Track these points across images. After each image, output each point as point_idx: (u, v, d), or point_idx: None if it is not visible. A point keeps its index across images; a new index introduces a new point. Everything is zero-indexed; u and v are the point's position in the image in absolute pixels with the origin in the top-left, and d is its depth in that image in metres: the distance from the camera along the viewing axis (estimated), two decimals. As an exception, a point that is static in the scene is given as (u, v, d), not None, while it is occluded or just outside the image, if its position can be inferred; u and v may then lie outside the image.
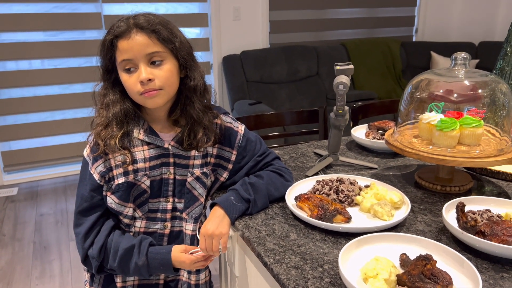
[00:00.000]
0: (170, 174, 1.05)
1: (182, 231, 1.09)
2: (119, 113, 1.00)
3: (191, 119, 1.03)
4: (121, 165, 1.01)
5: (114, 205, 1.01)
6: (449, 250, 0.80)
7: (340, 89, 1.17)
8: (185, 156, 1.05)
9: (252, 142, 1.13)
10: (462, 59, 1.11)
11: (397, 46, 4.34)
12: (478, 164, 1.03)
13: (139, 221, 1.05)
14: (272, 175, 1.11)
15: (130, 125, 1.02)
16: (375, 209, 0.99)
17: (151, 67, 0.96)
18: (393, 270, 0.76)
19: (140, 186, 1.02)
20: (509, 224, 0.86)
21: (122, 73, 0.98)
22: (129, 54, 0.94)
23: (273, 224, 1.01)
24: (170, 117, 1.05)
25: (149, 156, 1.03)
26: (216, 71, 3.80)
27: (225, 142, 1.11)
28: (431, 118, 1.13)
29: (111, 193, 1.01)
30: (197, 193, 1.07)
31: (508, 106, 1.10)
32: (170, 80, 0.98)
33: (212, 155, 1.09)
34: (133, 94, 0.98)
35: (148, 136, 1.03)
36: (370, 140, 1.46)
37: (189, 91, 1.02)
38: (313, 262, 0.85)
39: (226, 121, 1.11)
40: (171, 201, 1.06)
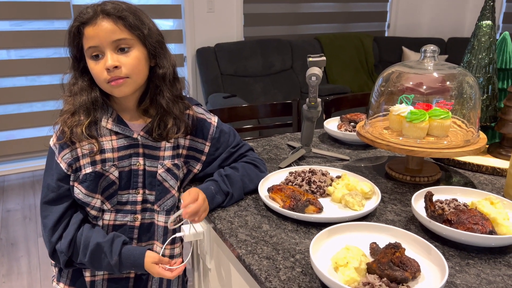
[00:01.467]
0: (140, 165, 1.03)
1: (153, 223, 1.07)
2: (86, 101, 0.97)
3: (161, 109, 1.01)
4: (88, 154, 0.98)
5: (81, 195, 0.99)
6: (417, 238, 0.82)
7: (313, 80, 1.17)
8: (155, 147, 1.04)
9: (225, 133, 1.12)
10: (431, 52, 1.13)
11: (369, 41, 4.40)
12: (446, 155, 1.06)
13: (108, 214, 1.03)
14: (247, 167, 1.10)
15: (98, 114, 1.00)
16: (346, 199, 1.00)
17: (118, 54, 0.94)
18: (363, 258, 0.77)
19: (109, 177, 1.00)
20: (474, 212, 0.88)
21: (89, 60, 0.95)
22: (95, 41, 0.92)
23: (246, 215, 1.00)
24: (140, 106, 1.03)
25: (117, 146, 1.00)
26: (190, 63, 3.76)
27: (198, 133, 1.09)
28: (401, 110, 1.15)
29: (78, 183, 0.99)
30: (169, 185, 1.05)
31: (475, 99, 1.12)
32: (138, 68, 0.96)
33: (184, 146, 1.08)
34: (100, 82, 0.96)
35: (116, 126, 1.01)
36: (342, 132, 1.48)
37: (158, 80, 1.00)
38: (285, 252, 0.85)
39: (198, 112, 1.10)
40: (141, 192, 1.04)
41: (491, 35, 1.26)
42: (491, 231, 0.84)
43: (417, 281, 0.75)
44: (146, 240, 1.08)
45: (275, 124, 1.95)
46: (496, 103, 1.31)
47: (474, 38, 1.28)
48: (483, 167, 1.23)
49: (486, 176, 1.22)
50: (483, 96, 1.28)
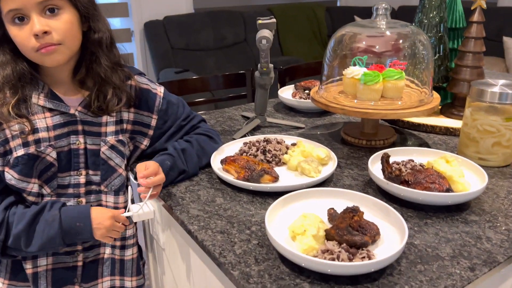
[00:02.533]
0: (80, 143, 0.93)
1: (100, 206, 0.99)
2: (11, 76, 0.85)
3: (98, 78, 0.91)
4: (18, 135, 0.87)
5: (14, 181, 0.88)
6: (375, 200, 0.79)
7: (263, 44, 1.11)
8: (95, 123, 0.94)
9: (174, 104, 1.04)
10: (383, 10, 1.09)
11: (322, 11, 4.37)
12: (400, 115, 1.04)
13: (48, 199, 0.93)
14: (201, 140, 1.04)
15: (27, 90, 0.88)
16: (302, 166, 0.96)
17: (46, 17, 0.82)
18: (321, 225, 0.73)
19: (45, 158, 0.90)
20: (431, 171, 0.87)
21: (10, 26, 0.82)
22: (17, 3, 0.79)
23: (198, 190, 0.94)
24: (75, 77, 0.93)
25: (52, 124, 0.90)
26: (138, 38, 3.58)
27: (143, 105, 1.00)
28: (354, 72, 1.11)
29: (10, 167, 0.88)
30: (114, 164, 0.96)
31: (427, 58, 1.10)
32: (71, 32, 0.85)
33: (129, 121, 0.99)
34: (27, 51, 0.84)
35: (49, 102, 0.90)
36: (297, 100, 1.43)
37: (94, 46, 0.90)
38: (240, 225, 0.81)
39: (142, 82, 1.01)
40: (84, 174, 0.95)
41: (442, -7, 1.24)
42: (448, 189, 0.83)
43: (377, 245, 0.72)
44: None
45: (229, 96, 1.88)
46: (448, 63, 1.31)
47: (425, -4, 1.25)
48: (436, 127, 1.22)
49: (440, 137, 1.22)
50: (435, 56, 1.26)
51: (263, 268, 0.69)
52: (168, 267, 1.07)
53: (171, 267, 1.05)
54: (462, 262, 0.70)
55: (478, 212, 0.84)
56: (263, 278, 0.67)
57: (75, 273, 1.00)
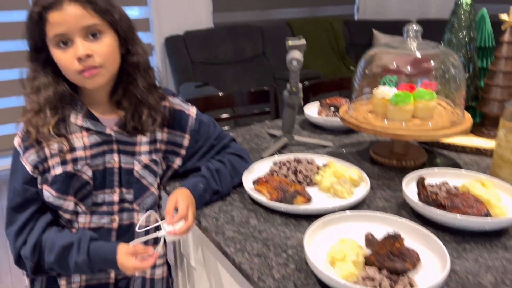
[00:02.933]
0: (115, 162, 0.95)
1: (133, 224, 1.00)
2: (52, 98, 0.88)
3: (134, 99, 0.93)
4: (57, 154, 0.90)
5: (52, 199, 0.90)
6: (414, 226, 0.79)
7: (294, 65, 1.12)
8: (130, 142, 0.96)
9: (205, 124, 1.06)
10: (414, 31, 1.10)
11: (339, 25, 4.38)
12: (433, 137, 1.04)
13: (82, 216, 0.95)
14: (233, 159, 1.05)
15: (66, 110, 0.91)
16: (335, 188, 0.96)
17: (89, 41, 0.85)
18: (359, 251, 0.73)
19: (82, 177, 0.92)
20: (467, 195, 0.86)
21: (55, 50, 0.85)
22: (63, 28, 0.83)
23: (231, 210, 0.95)
24: (112, 98, 0.95)
25: (89, 143, 0.92)
26: (159, 53, 3.63)
27: (176, 126, 1.02)
28: (384, 92, 1.11)
29: (48, 185, 0.90)
30: (147, 182, 0.98)
31: (459, 78, 1.10)
32: (112, 55, 0.88)
33: (162, 141, 1.00)
34: (69, 73, 0.87)
35: (87, 121, 0.92)
36: (323, 118, 1.44)
37: (132, 68, 0.92)
38: (276, 248, 0.81)
39: (175, 103, 1.02)
40: (117, 192, 0.97)
41: (471, 13, 1.23)
42: (486, 214, 0.82)
43: (417, 271, 0.72)
44: (124, 242, 1.01)
45: (253, 113, 1.90)
46: (477, 82, 1.30)
47: (454, 16, 1.25)
48: (467, 147, 1.21)
49: (471, 157, 1.20)
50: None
51: (303, 294, 0.69)
52: (199, 286, 1.07)
53: (202, 287, 1.06)
54: (505, 290, 0.69)
55: (517, 237, 0.83)
56: (303, 304, 0.67)
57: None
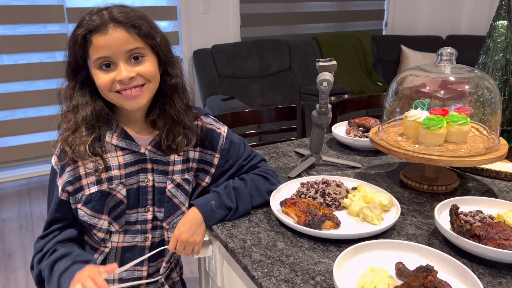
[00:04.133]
0: (149, 181, 0.96)
1: (163, 241, 1.01)
2: (89, 117, 0.90)
3: (170, 120, 0.95)
4: (92, 173, 0.91)
5: (87, 217, 0.92)
6: (448, 257, 0.77)
7: (324, 86, 1.11)
8: (164, 162, 0.97)
9: (236, 144, 1.06)
10: (448, 55, 1.08)
11: (367, 40, 4.35)
12: (467, 163, 1.01)
13: (116, 236, 0.96)
14: (256, 179, 1.04)
15: (102, 129, 0.93)
16: (365, 213, 0.94)
17: (131, 64, 0.87)
18: (390, 281, 0.71)
19: (116, 196, 0.93)
20: (503, 226, 0.83)
21: (97, 71, 0.88)
22: (107, 51, 0.85)
23: (258, 232, 0.95)
24: (148, 117, 0.97)
25: (124, 162, 0.94)
26: (187, 65, 3.69)
27: (207, 145, 1.03)
28: (416, 115, 1.10)
29: (82, 204, 0.92)
30: (178, 201, 0.99)
31: (495, 103, 1.07)
32: (154, 76, 0.90)
33: (194, 159, 1.01)
34: (108, 93, 0.89)
35: (122, 141, 0.94)
36: (352, 138, 1.42)
37: (170, 90, 0.94)
38: (304, 274, 0.80)
39: (207, 123, 1.04)
40: (151, 210, 0.98)
41: (508, 36, 1.21)
42: (523, 247, 0.79)
43: (450, 305, 0.69)
44: (156, 260, 1.02)
45: (279, 129, 1.89)
46: (513, 106, 1.26)
47: (490, 38, 1.23)
48: (501, 173, 1.18)
49: (506, 183, 1.17)
50: (500, 99, 1.23)
51: (332, 324, 0.68)
52: (223, 306, 1.07)
53: (227, 306, 1.05)
54: (545, 331, 0.66)
55: (556, 272, 0.79)
56: (332, 335, 0.65)
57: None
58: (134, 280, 0.99)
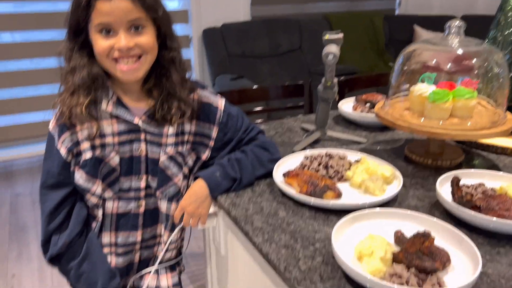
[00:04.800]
0: (142, 151, 0.98)
1: (157, 209, 1.04)
2: (86, 78, 0.91)
3: (165, 91, 0.96)
4: (88, 138, 0.94)
5: (82, 181, 0.95)
6: (446, 226, 0.77)
7: (329, 59, 1.11)
8: (157, 133, 0.98)
9: (233, 117, 1.07)
10: (456, 28, 1.06)
11: (380, 20, 4.28)
12: (471, 137, 1.00)
13: (110, 202, 0.99)
14: (256, 150, 1.05)
15: (99, 94, 0.94)
16: (367, 184, 0.95)
17: (131, 34, 0.88)
18: (388, 248, 0.72)
19: (109, 163, 0.96)
20: (505, 198, 0.83)
21: (96, 35, 0.88)
22: (109, 18, 0.86)
23: (261, 201, 0.96)
24: (143, 87, 0.98)
25: (118, 130, 0.96)
26: (196, 44, 3.68)
27: (204, 118, 1.03)
28: (422, 90, 1.09)
29: (79, 167, 0.95)
30: (171, 173, 1.01)
31: (503, 77, 1.06)
32: (152, 46, 0.91)
33: (191, 132, 1.02)
34: (104, 60, 0.90)
35: (117, 109, 0.95)
36: (358, 113, 1.42)
37: (167, 62, 0.95)
38: (304, 241, 0.81)
39: (204, 96, 1.04)
40: (144, 178, 1.00)
41: (519, 9, 1.18)
42: (523, 218, 0.79)
43: (447, 272, 0.71)
44: (150, 225, 1.04)
45: (286, 107, 1.90)
46: (523, 81, 1.25)
47: (501, 12, 1.20)
48: (508, 149, 1.17)
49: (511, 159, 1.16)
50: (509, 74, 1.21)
51: (328, 287, 0.69)
52: (228, 276, 1.10)
53: (232, 276, 1.08)
54: (540, 297, 0.67)
55: (556, 244, 0.80)
56: (329, 297, 0.67)
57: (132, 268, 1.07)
58: (129, 246, 1.03)
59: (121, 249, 1.02)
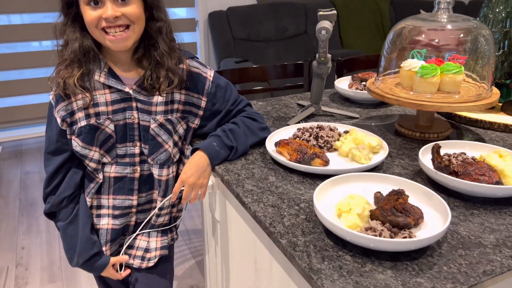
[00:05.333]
0: (135, 118, 1.04)
1: (151, 175, 1.09)
2: (77, 51, 0.97)
3: (154, 61, 1.01)
4: (82, 108, 1.00)
5: (79, 148, 1.02)
6: (420, 186, 0.82)
7: (323, 34, 1.15)
8: (147, 102, 1.04)
9: (222, 88, 1.11)
10: (445, 3, 1.10)
11: (386, 5, 4.27)
12: (456, 109, 1.04)
13: (108, 166, 1.06)
14: (246, 121, 1.11)
15: (91, 66, 1.00)
16: (353, 153, 1.00)
17: (118, 4, 0.93)
18: (366, 206, 0.78)
19: (105, 130, 1.02)
20: (482, 164, 0.88)
21: (85, 6, 0.93)
22: None
23: (253, 168, 1.02)
24: (133, 57, 1.03)
25: (111, 99, 1.02)
26: (202, 28, 3.72)
27: (193, 88, 1.08)
28: (412, 65, 1.13)
29: (75, 136, 1.02)
30: (161, 140, 1.06)
31: (489, 53, 1.09)
32: (140, 17, 0.96)
33: (180, 101, 1.08)
34: (94, 30, 0.95)
35: (109, 79, 1.01)
36: (353, 90, 1.46)
37: (155, 32, 1.00)
38: (290, 201, 0.87)
39: (193, 66, 1.09)
40: (138, 145, 1.06)
41: (510, -12, 1.21)
42: (497, 182, 0.83)
43: (420, 228, 0.76)
44: (146, 191, 1.10)
45: (286, 86, 1.94)
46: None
47: (492, -10, 1.23)
48: (495, 124, 1.21)
49: (498, 133, 1.20)
50: (499, 52, 1.24)
51: (309, 240, 0.75)
52: (222, 238, 1.16)
53: (224, 238, 1.14)
54: (504, 250, 0.71)
55: (528, 207, 0.84)
56: (308, 248, 0.73)
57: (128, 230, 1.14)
58: (125, 209, 1.10)
59: (117, 211, 1.09)
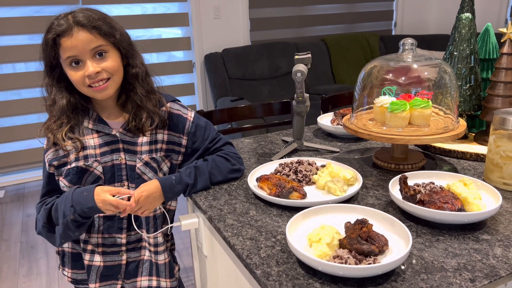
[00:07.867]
0: (122, 159, 1.12)
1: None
2: (65, 108, 1.07)
3: (135, 104, 1.10)
4: (72, 151, 1.08)
5: (66, 188, 1.09)
6: (385, 215, 0.88)
7: (298, 77, 1.24)
8: (133, 142, 1.12)
9: (201, 128, 1.19)
10: (409, 45, 1.19)
11: (376, 40, 4.44)
12: (424, 141, 1.11)
13: None
14: (217, 160, 1.18)
15: (80, 117, 1.10)
16: (329, 185, 1.06)
17: (96, 60, 1.03)
18: (336, 235, 0.83)
19: (93, 172, 1.09)
20: (446, 192, 0.93)
21: (68, 69, 1.03)
22: (74, 51, 1.00)
23: (235, 203, 1.08)
24: (117, 103, 1.12)
25: (98, 143, 1.10)
26: (199, 69, 3.87)
27: (175, 128, 1.16)
28: (383, 101, 1.21)
29: (63, 177, 1.09)
30: (147, 178, 1.13)
31: (451, 87, 1.17)
32: (117, 69, 1.06)
33: (163, 141, 1.15)
34: (82, 88, 1.05)
35: (97, 125, 1.10)
36: (334, 126, 1.54)
37: (132, 78, 1.09)
38: (268, 234, 0.92)
39: (174, 108, 1.18)
40: (126, 185, 1.13)
41: (471, 27, 1.30)
42: (460, 209, 0.89)
43: (386, 255, 0.81)
44: (134, 229, 1.16)
45: (274, 123, 2.02)
46: (480, 92, 1.35)
47: (455, 30, 1.33)
48: (467, 153, 1.27)
49: (470, 162, 1.26)
50: (466, 86, 1.32)
51: (282, 269, 0.80)
52: (210, 272, 1.20)
53: (212, 272, 1.18)
54: (464, 274, 0.76)
55: (491, 232, 0.89)
56: (281, 277, 0.78)
57: (120, 270, 1.17)
58: (116, 247, 1.15)
59: (108, 249, 1.15)
